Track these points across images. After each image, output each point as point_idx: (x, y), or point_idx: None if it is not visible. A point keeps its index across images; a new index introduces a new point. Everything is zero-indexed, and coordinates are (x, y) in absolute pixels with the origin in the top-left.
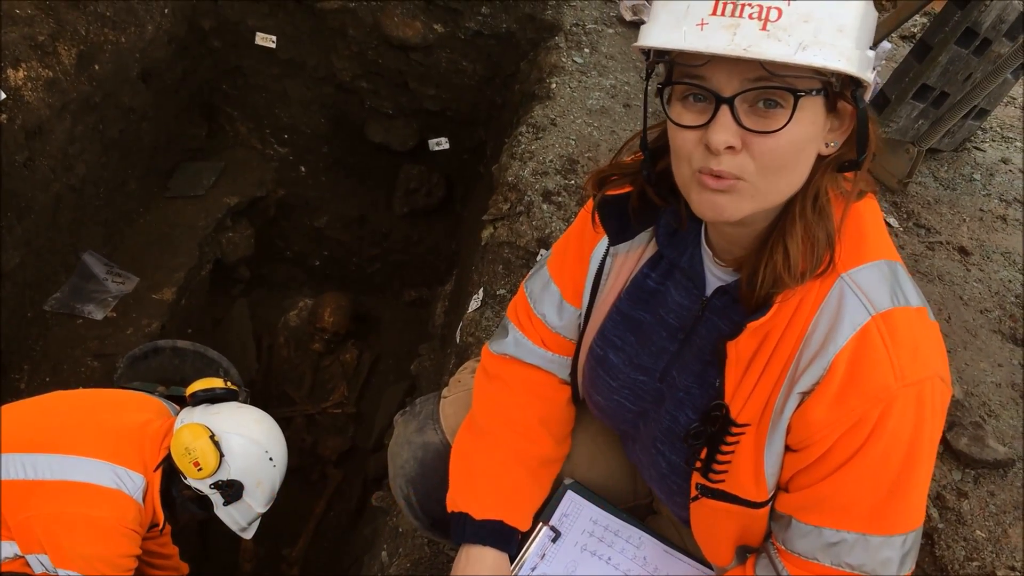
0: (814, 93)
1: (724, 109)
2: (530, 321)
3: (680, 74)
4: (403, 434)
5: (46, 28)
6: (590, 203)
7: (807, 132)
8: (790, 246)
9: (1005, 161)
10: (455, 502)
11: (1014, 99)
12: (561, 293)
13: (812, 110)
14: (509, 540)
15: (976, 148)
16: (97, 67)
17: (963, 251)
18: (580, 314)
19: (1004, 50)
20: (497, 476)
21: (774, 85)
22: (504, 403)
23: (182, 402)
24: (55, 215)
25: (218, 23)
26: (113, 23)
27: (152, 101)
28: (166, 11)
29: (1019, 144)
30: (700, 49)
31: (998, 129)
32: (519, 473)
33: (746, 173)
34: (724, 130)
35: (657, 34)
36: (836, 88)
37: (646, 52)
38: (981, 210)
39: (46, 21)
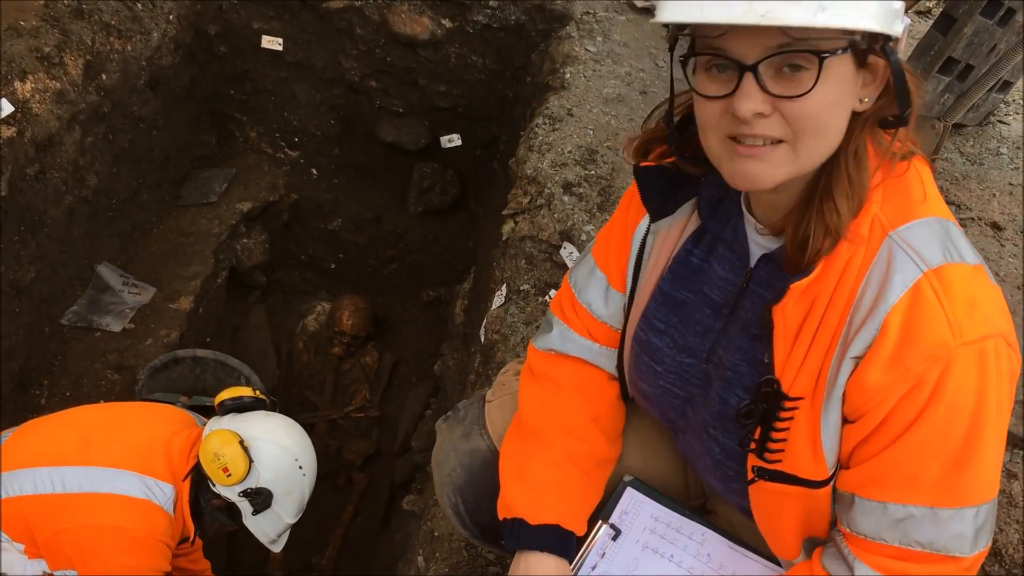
0: (840, 52)
1: (748, 77)
2: (575, 312)
3: (702, 45)
4: (448, 440)
5: (52, 39)
6: (633, 186)
7: (837, 91)
8: (839, 201)
9: None
10: (508, 507)
11: None
12: (608, 279)
13: (840, 68)
14: (567, 545)
15: (1000, 122)
16: (104, 77)
17: (996, 227)
18: (626, 300)
19: None
20: (551, 478)
21: (796, 49)
22: (553, 402)
23: (205, 412)
24: (68, 228)
25: (223, 28)
26: (119, 32)
27: (161, 109)
28: (171, 17)
29: None
30: (717, 20)
31: (1021, 102)
32: (573, 475)
33: (783, 134)
34: (750, 98)
35: (672, 7)
36: (863, 45)
37: (666, 25)
38: (1010, 184)
39: (51, 32)
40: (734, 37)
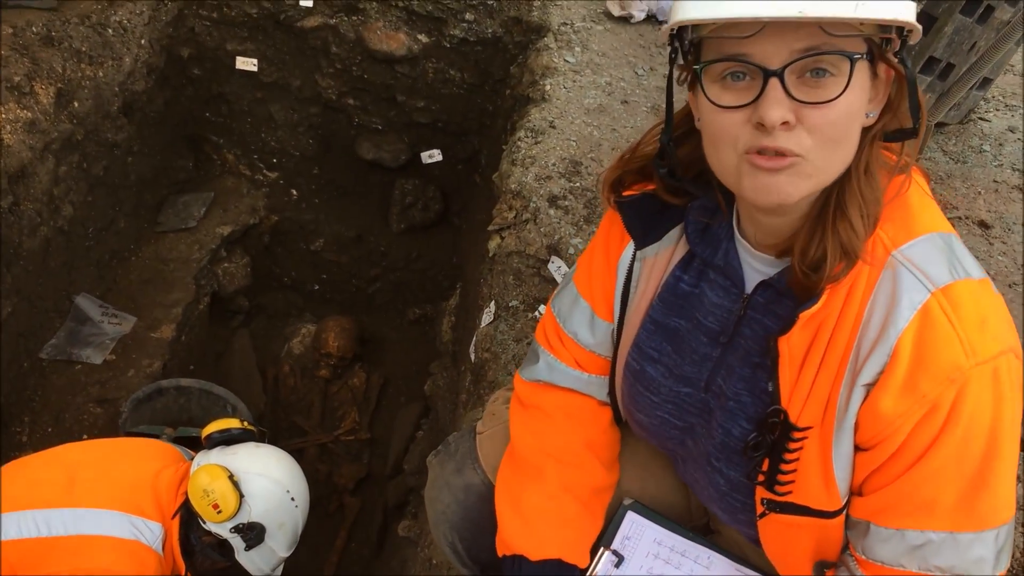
0: (865, 57)
1: (774, 83)
2: (561, 342)
3: (715, 52)
4: (440, 476)
5: (21, 68)
6: (610, 211)
7: (858, 100)
8: (854, 219)
9: (1012, 130)
10: (507, 544)
11: (1012, 67)
12: (592, 308)
13: (861, 76)
14: None
15: (981, 119)
16: (77, 104)
17: (983, 225)
18: (613, 328)
19: (1006, 16)
20: (549, 511)
21: (828, 51)
22: (545, 432)
23: (192, 443)
24: (45, 260)
25: (197, 50)
26: (90, 58)
27: (136, 135)
28: (143, 42)
29: (1023, 112)
30: (752, 15)
31: (1000, 98)
32: (571, 506)
33: (805, 149)
34: (778, 105)
35: (696, 7)
36: (882, 50)
37: (673, 35)
38: (995, 181)
39: (21, 61)
40: (758, 40)
